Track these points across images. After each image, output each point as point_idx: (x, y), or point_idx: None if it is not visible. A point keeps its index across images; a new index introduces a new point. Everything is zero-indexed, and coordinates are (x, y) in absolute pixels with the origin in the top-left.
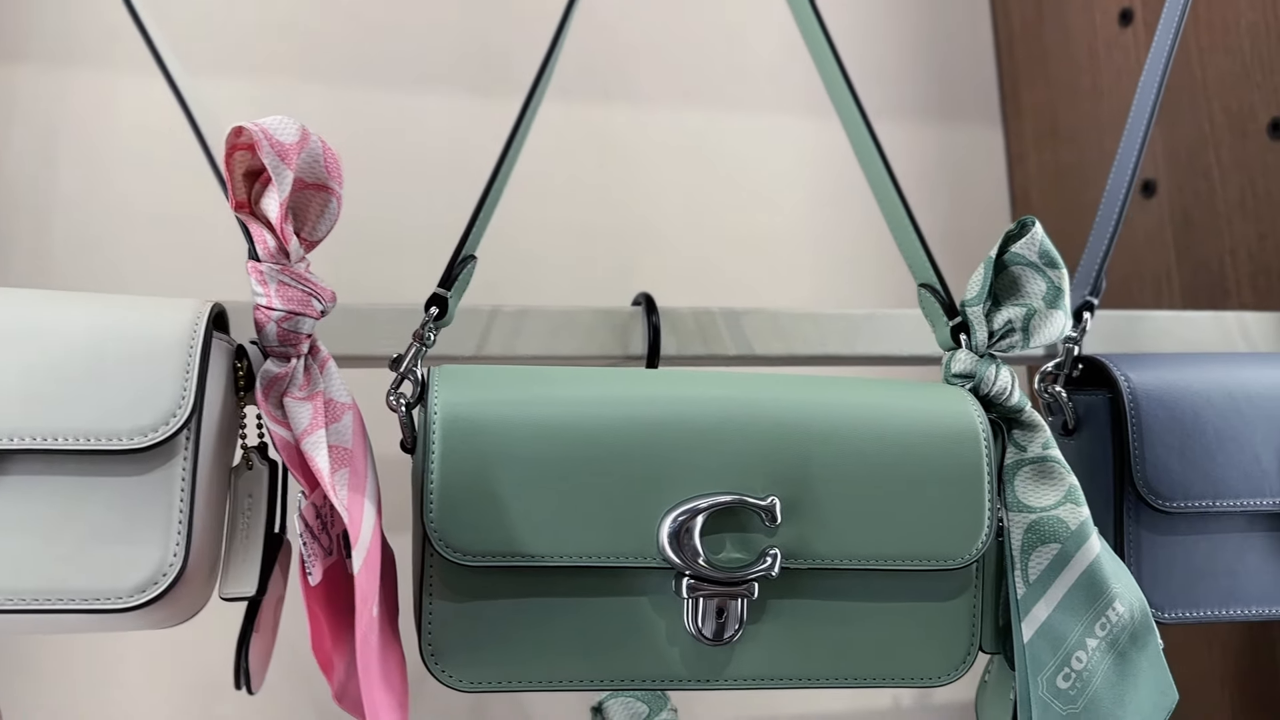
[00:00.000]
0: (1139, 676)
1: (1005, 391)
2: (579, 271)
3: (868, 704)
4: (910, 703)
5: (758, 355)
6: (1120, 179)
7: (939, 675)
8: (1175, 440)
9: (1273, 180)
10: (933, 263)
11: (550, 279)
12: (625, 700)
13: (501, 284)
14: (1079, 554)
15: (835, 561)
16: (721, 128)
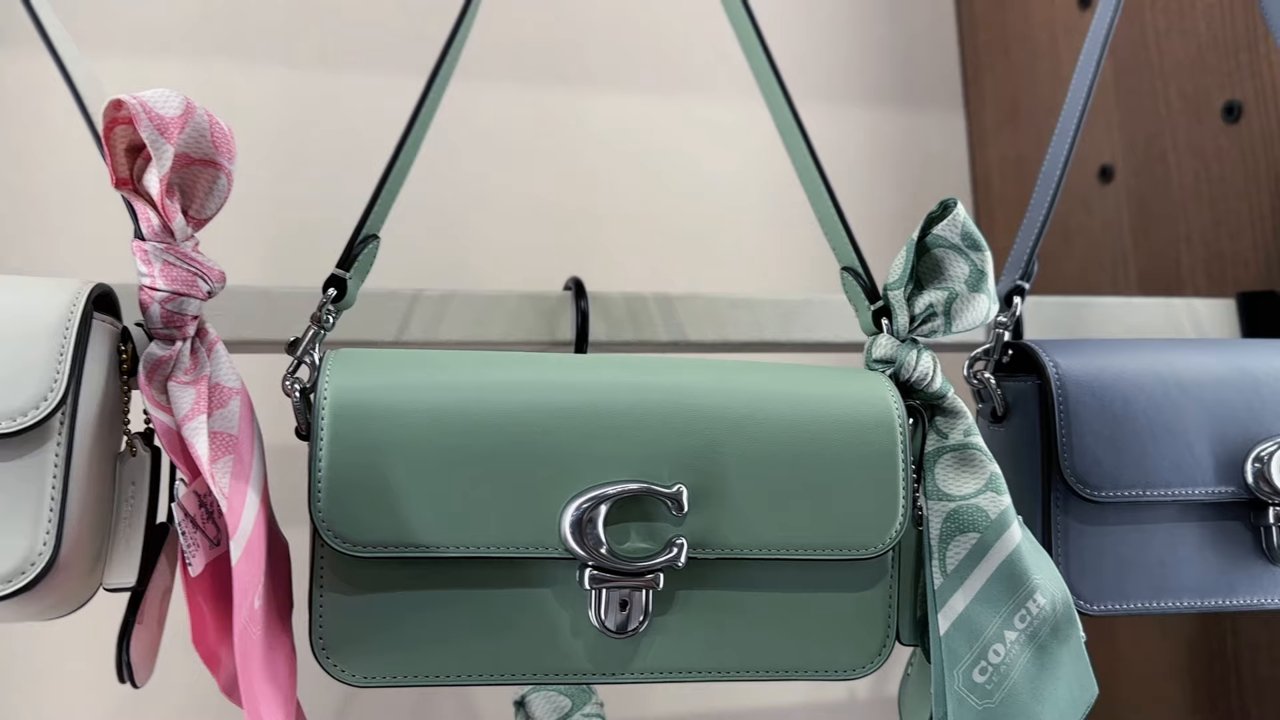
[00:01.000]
0: (1059, 670)
1: (927, 377)
2: (524, 258)
3: (821, 697)
4: (866, 695)
5: (691, 341)
6: (1055, 162)
7: (854, 668)
8: (1105, 428)
9: (1227, 165)
10: (855, 246)
11: (497, 265)
12: (547, 694)
13: (445, 269)
14: (998, 544)
15: (745, 551)
16: (672, 113)
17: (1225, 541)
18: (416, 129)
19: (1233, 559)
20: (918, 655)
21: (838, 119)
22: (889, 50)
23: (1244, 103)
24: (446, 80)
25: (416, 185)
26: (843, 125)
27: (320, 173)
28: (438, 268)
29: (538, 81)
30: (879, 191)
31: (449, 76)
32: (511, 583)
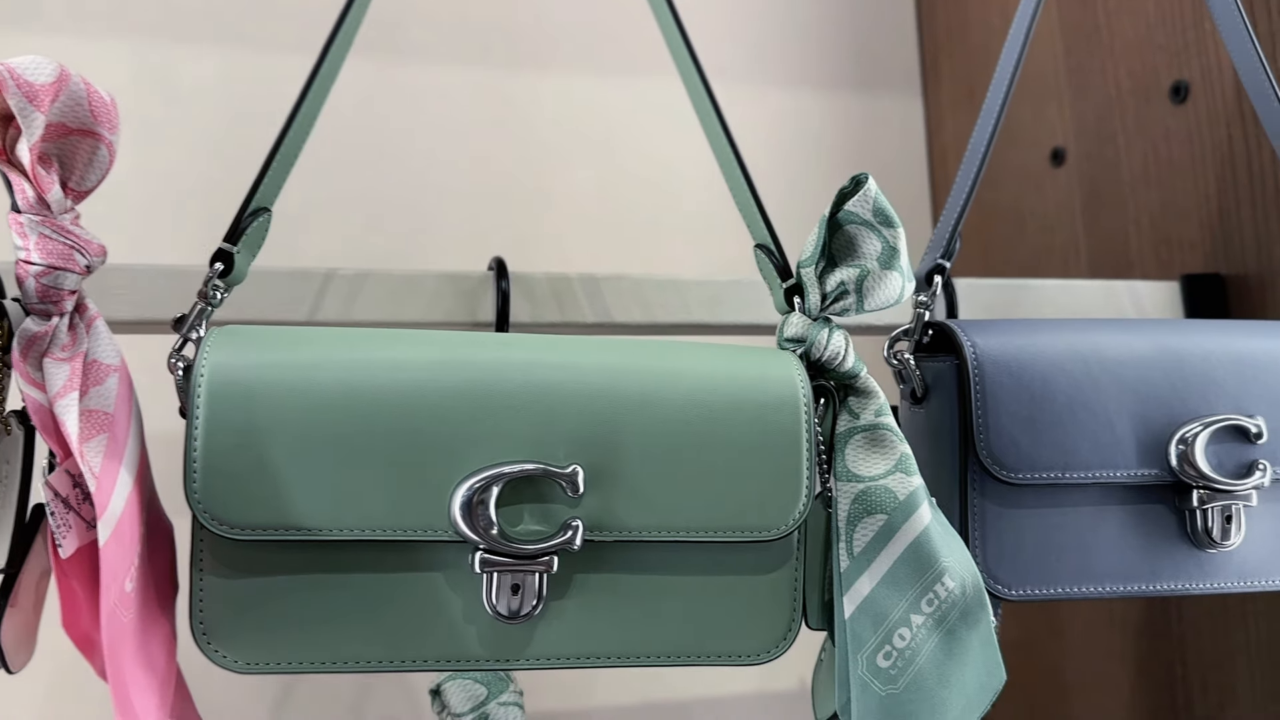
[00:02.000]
0: (967, 655)
1: (838, 356)
2: (474, 241)
3: (770, 686)
4: None
5: (617, 323)
6: (979, 141)
7: (759, 653)
8: (1022, 409)
9: (1175, 147)
10: (767, 223)
11: (444, 246)
12: (463, 682)
13: (391, 251)
14: (906, 526)
15: (644, 533)
16: (623, 96)
17: (1149, 525)
18: (308, 103)
19: (1157, 543)
20: (829, 640)
21: (796, 103)
22: (848, 34)
23: (1191, 83)
24: (341, 57)
25: (366, 167)
26: (801, 109)
27: None
28: (384, 249)
29: (490, 63)
30: (838, 176)
31: (343, 53)
32: (401, 567)
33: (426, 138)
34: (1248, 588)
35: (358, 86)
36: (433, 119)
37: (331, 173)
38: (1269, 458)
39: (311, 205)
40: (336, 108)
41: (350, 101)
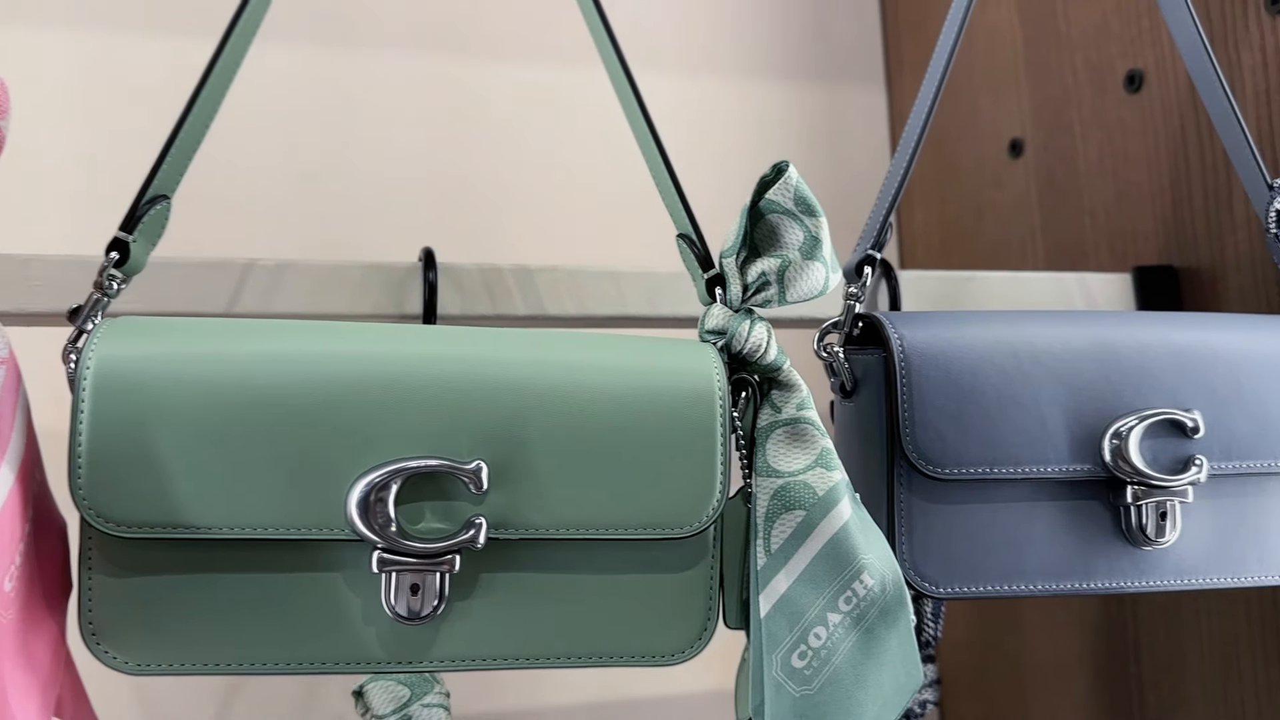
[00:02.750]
0: (885, 655)
1: (760, 349)
2: (418, 232)
3: (727, 685)
4: None
5: (550, 315)
6: (915, 126)
7: (673, 653)
8: (950, 403)
9: (1130, 137)
10: (689, 212)
11: (388, 237)
12: (385, 683)
13: (332, 242)
14: (824, 522)
15: (551, 531)
16: (575, 83)
17: (1083, 522)
18: (208, 91)
19: (1090, 540)
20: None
21: (759, 94)
22: (812, 24)
23: (1145, 71)
24: (246, 39)
25: (306, 154)
26: (765, 100)
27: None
28: (326, 240)
29: (439, 51)
30: (802, 167)
31: (249, 35)
32: (297, 566)
33: (370, 127)
34: (1185, 586)
35: (301, 70)
36: (376, 106)
37: (277, 163)
38: (1206, 453)
39: (253, 197)
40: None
41: (291, 85)
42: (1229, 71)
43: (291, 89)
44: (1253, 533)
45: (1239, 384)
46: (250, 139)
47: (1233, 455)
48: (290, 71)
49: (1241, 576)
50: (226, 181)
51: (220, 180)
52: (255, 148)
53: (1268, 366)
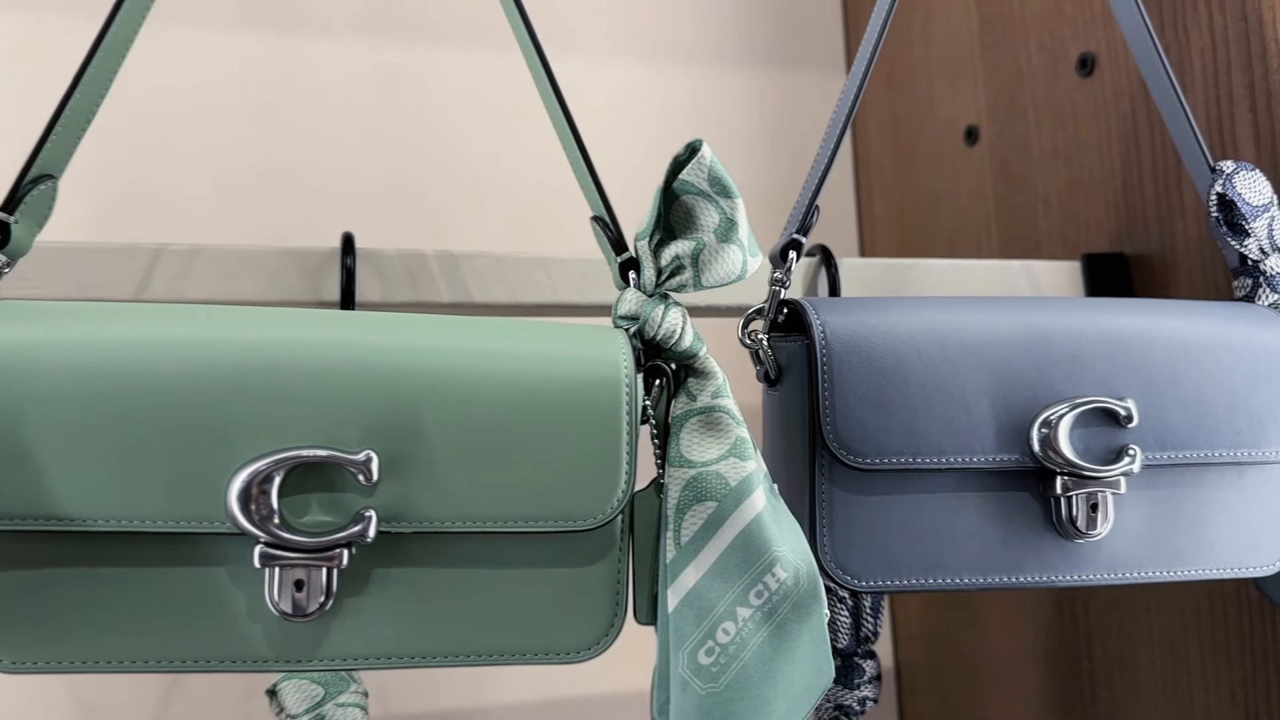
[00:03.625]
0: (796, 650)
1: (674, 334)
2: (362, 220)
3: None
4: None
5: (477, 303)
6: (842, 108)
7: (579, 650)
8: (872, 391)
9: (1082, 122)
10: (601, 193)
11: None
12: (298, 682)
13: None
14: (736, 513)
15: (447, 524)
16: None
17: (1011, 514)
18: (95, 68)
19: (1020, 533)
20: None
21: (719, 81)
22: (773, 11)
23: (1097, 55)
24: (136, 17)
25: (247, 142)
26: (723, 87)
27: (144, 133)
28: (263, 228)
29: (382, 37)
30: (762, 156)
31: (141, 12)
32: (180, 561)
33: (312, 113)
34: (1120, 580)
35: (238, 56)
36: (321, 94)
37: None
38: (1140, 442)
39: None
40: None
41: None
42: (1178, 53)
43: (229, 74)
44: (1190, 525)
45: (1175, 372)
46: (187, 126)
47: (1168, 445)
48: (228, 57)
49: (1179, 570)
50: (160, 170)
51: (153, 168)
52: (191, 135)
53: (1205, 354)
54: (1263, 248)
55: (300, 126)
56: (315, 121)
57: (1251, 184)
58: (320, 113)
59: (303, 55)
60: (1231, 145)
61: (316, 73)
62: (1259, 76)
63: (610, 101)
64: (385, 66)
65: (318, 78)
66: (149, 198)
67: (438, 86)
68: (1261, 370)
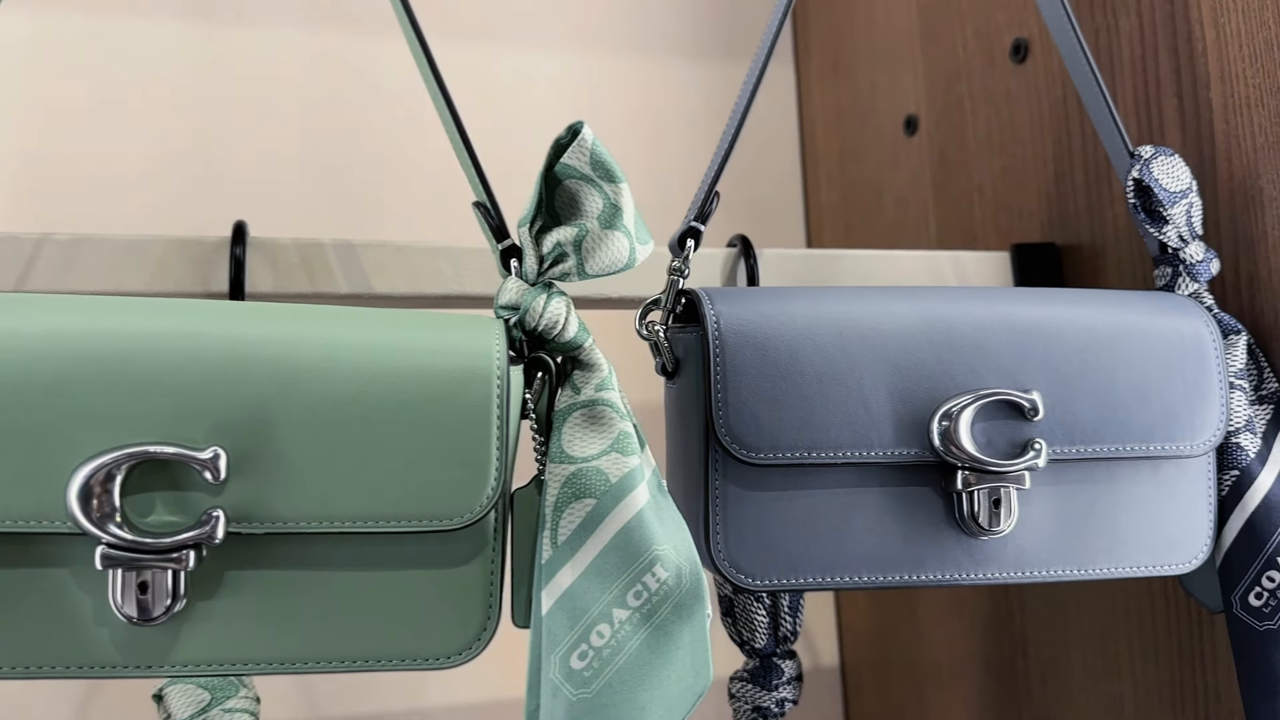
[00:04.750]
0: (675, 654)
1: (557, 325)
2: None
3: None
4: None
5: (378, 294)
6: (744, 95)
7: (448, 655)
8: (766, 383)
9: (1016, 108)
10: (482, 178)
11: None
12: (183, 686)
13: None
14: (616, 511)
15: (303, 524)
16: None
17: (912, 510)
18: None
19: (921, 530)
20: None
21: (666, 72)
22: (720, 2)
23: (1030, 40)
24: None
25: (171, 132)
26: (667, 77)
27: (62, 118)
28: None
29: (310, 26)
30: (709, 146)
31: None
32: (22, 561)
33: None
34: (1027, 578)
35: (159, 46)
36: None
37: (135, 133)
38: (1047, 436)
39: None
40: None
41: (151, 60)
42: (1108, 39)
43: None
44: (1103, 521)
45: (1085, 363)
46: (123, 115)
47: (1076, 439)
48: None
49: (1091, 568)
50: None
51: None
52: (129, 124)
53: (1117, 345)
54: (1182, 235)
55: (223, 116)
56: (239, 111)
57: (1170, 169)
58: (245, 101)
59: (227, 43)
60: (1159, 131)
61: (242, 61)
62: (1184, 60)
63: (556, 94)
64: (315, 56)
65: (244, 66)
66: (71, 190)
67: (370, 75)
68: (1176, 362)
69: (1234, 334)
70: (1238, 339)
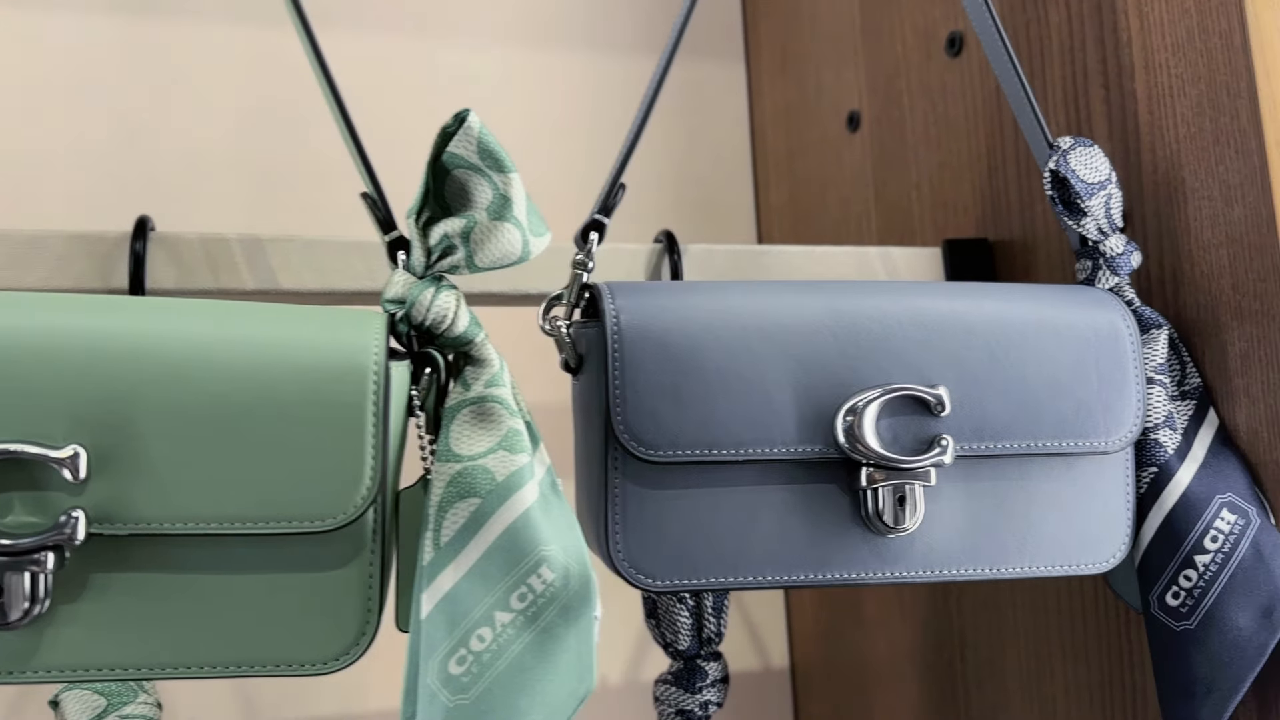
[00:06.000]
0: (559, 658)
1: (445, 319)
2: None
3: None
4: (619, 681)
5: (285, 290)
6: (651, 89)
7: (325, 660)
8: (667, 379)
9: (952, 103)
10: (368, 167)
11: (180, 213)
12: (79, 692)
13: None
14: (501, 510)
15: (169, 525)
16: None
17: (818, 509)
18: None
19: (827, 528)
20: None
21: (614, 68)
22: None
23: (964, 33)
24: None
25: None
26: (619, 75)
27: None
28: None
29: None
30: (662, 143)
31: None
32: None
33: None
34: (936, 577)
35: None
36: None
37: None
38: (954, 432)
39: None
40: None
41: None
42: (1038, 29)
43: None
44: (1015, 520)
45: (995, 358)
46: (46, 109)
47: (985, 435)
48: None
49: (1004, 568)
50: (20, 155)
51: (13, 154)
52: (52, 119)
53: (1029, 339)
54: (1101, 227)
55: (151, 111)
56: (167, 105)
57: (1088, 160)
58: (173, 96)
59: (155, 37)
60: (1088, 122)
61: (171, 55)
62: (1110, 51)
63: (503, 90)
64: (246, 49)
65: (173, 59)
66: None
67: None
68: (1091, 357)
69: (1155, 328)
70: (1159, 333)
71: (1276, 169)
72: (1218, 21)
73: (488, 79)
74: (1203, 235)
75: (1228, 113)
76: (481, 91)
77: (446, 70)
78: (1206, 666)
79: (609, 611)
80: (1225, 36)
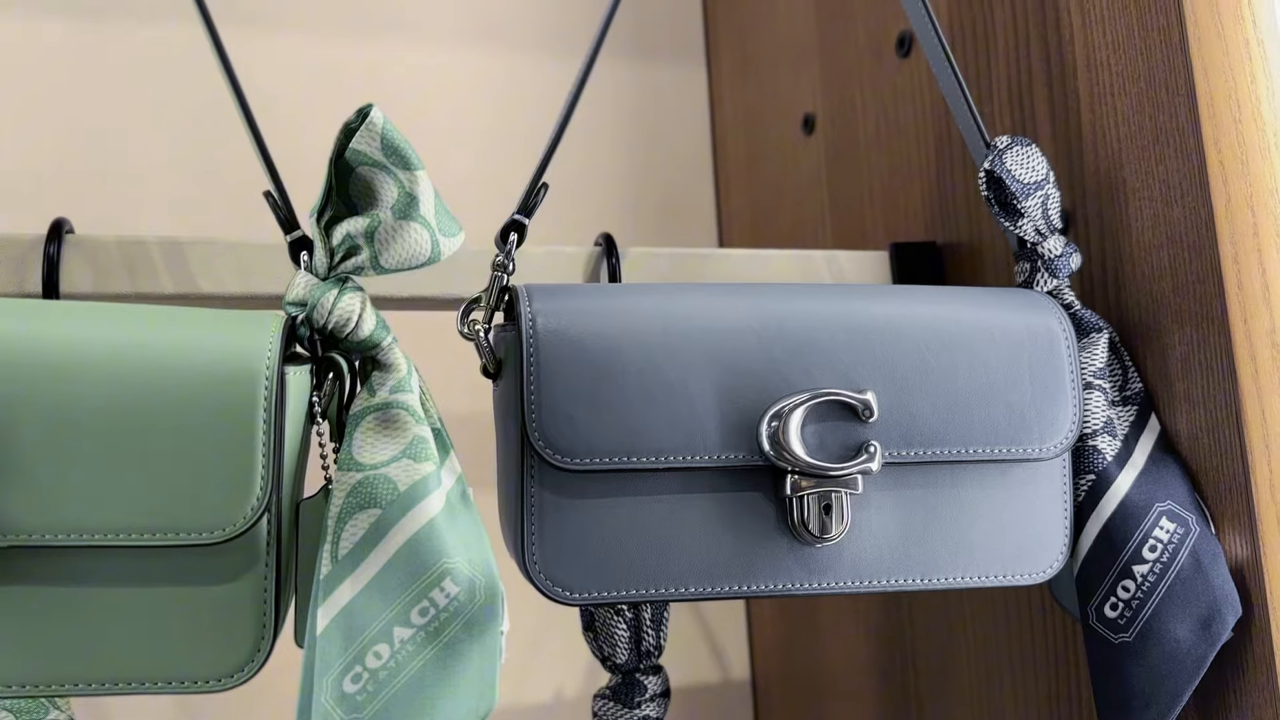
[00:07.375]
0: (462, 674)
1: (348, 323)
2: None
3: (522, 700)
4: (574, 694)
5: (206, 294)
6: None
7: (216, 677)
8: (584, 384)
9: (903, 105)
10: (270, 166)
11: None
12: None
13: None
14: (403, 521)
15: (49, 536)
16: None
17: (743, 517)
18: None
19: (751, 537)
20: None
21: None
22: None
23: (914, 33)
24: None
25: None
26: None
27: None
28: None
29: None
30: (621, 150)
31: None
32: None
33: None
34: (863, 588)
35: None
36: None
37: None
38: (882, 439)
39: None
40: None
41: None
42: (985, 27)
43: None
44: (947, 529)
45: (924, 363)
46: None
47: (915, 442)
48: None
49: (935, 578)
50: None
51: None
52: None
53: (961, 344)
54: (1039, 229)
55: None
56: (117, 108)
57: (1024, 160)
58: (124, 99)
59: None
60: (1032, 122)
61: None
62: (1054, 49)
63: (456, 92)
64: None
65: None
66: None
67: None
68: (1024, 361)
69: (1095, 331)
70: (1099, 337)
71: (1215, 168)
72: (1156, 18)
73: (440, 80)
74: (1144, 236)
75: (1167, 111)
76: (434, 93)
77: (393, 70)
78: (1145, 680)
79: (563, 625)
80: (1164, 33)
